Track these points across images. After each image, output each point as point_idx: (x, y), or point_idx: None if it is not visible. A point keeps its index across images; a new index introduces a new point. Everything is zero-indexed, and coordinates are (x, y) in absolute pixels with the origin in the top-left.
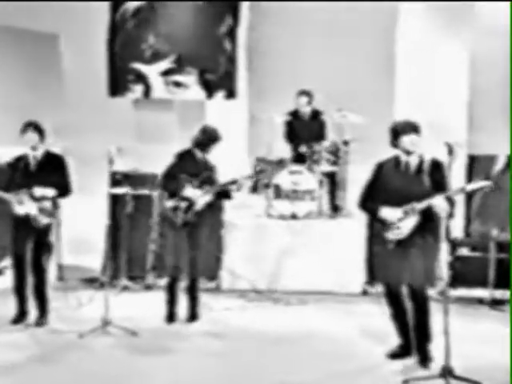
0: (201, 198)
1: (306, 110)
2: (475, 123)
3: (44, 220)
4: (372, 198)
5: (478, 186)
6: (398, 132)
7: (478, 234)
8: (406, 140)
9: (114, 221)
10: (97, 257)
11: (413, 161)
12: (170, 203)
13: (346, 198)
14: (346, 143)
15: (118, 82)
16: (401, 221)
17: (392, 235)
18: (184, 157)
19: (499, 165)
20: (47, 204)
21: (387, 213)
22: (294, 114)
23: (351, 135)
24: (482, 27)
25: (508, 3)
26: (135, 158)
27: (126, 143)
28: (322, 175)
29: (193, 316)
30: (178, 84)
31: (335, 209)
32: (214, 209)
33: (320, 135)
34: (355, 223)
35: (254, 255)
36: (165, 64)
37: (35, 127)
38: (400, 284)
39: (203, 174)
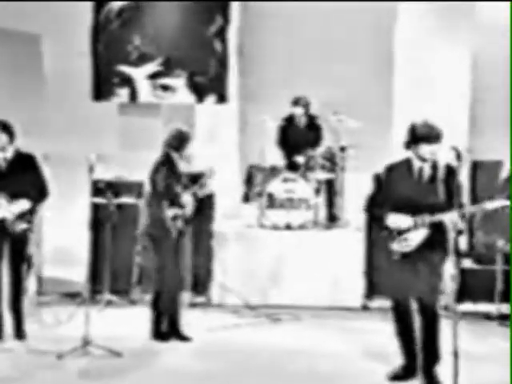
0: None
1: (301, 116)
2: (477, 127)
3: (21, 225)
4: (380, 204)
5: (499, 206)
6: (418, 138)
7: (483, 245)
8: (426, 149)
9: (97, 232)
10: (80, 269)
11: (427, 167)
12: (170, 212)
13: (344, 207)
14: (342, 149)
15: (103, 86)
16: (409, 232)
17: (398, 246)
18: (167, 164)
19: (505, 171)
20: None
21: (396, 220)
22: (289, 120)
23: (348, 141)
24: (483, 27)
25: (508, 3)
26: (120, 165)
27: (110, 149)
28: (317, 183)
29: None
30: (165, 87)
31: (332, 218)
32: (201, 218)
33: (315, 141)
34: (353, 233)
35: (246, 268)
36: (152, 66)
37: (3, 127)
38: (408, 298)
39: (185, 179)
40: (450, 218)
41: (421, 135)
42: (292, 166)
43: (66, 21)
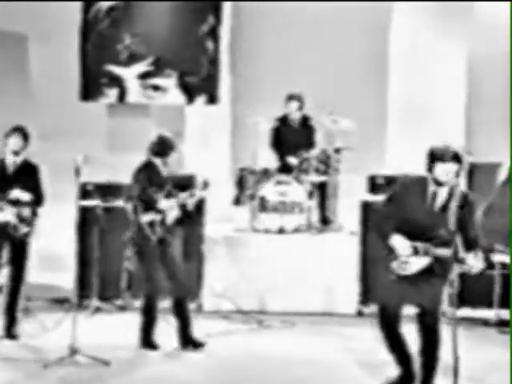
0: (171, 210)
1: (295, 116)
2: (474, 128)
3: (24, 229)
4: (386, 221)
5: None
6: (434, 158)
7: (481, 249)
8: (441, 168)
9: (85, 236)
10: (67, 274)
11: (442, 193)
12: (146, 217)
13: (338, 211)
14: (336, 151)
15: (91, 86)
16: (411, 257)
17: (397, 268)
18: (147, 169)
19: (503, 173)
20: (26, 212)
21: (399, 243)
22: (283, 120)
23: (342, 142)
24: (481, 28)
25: (508, 3)
26: (108, 167)
27: (98, 151)
28: (311, 185)
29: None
30: (155, 88)
31: (326, 222)
32: (191, 222)
33: (309, 143)
34: (348, 237)
35: (238, 273)
36: (142, 66)
37: (22, 132)
38: (400, 306)
39: (169, 186)
40: (471, 264)
41: (436, 154)
42: (285, 169)
43: (54, 20)
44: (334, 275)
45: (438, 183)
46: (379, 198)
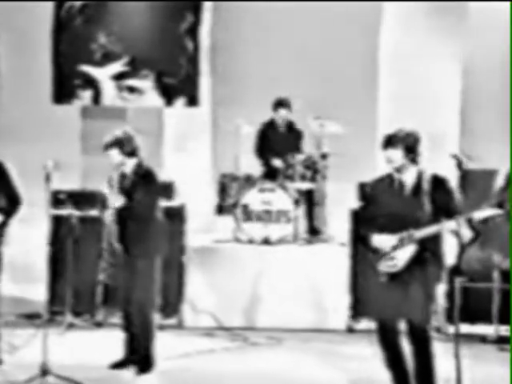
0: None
1: (282, 121)
2: (469, 132)
3: None
4: (365, 223)
5: (488, 215)
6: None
7: (478, 260)
8: (383, 157)
9: (57, 247)
10: (38, 288)
11: (407, 179)
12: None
13: (326, 220)
14: (324, 156)
15: (64, 87)
16: (395, 250)
17: (385, 267)
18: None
19: (501, 179)
20: None
21: (379, 241)
22: (269, 125)
23: (330, 147)
24: (476, 28)
25: (508, 3)
26: (82, 173)
27: (71, 157)
28: (297, 193)
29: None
30: (132, 89)
31: (314, 232)
32: (171, 232)
33: (296, 148)
34: (337, 248)
35: (221, 287)
36: (117, 66)
37: None
38: (397, 320)
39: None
40: (448, 228)
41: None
42: (269, 175)
43: (25, 17)
44: (322, 289)
45: (397, 170)
46: None
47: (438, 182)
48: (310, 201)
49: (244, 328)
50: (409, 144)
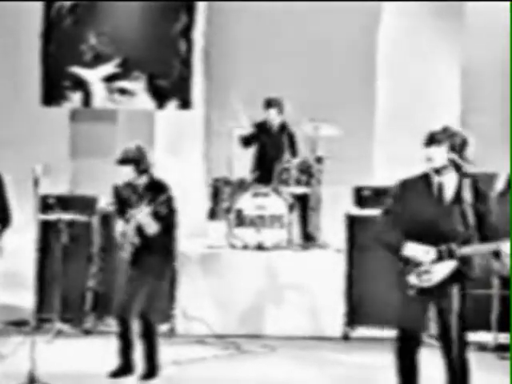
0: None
1: (274, 123)
2: (469, 136)
3: None
4: (392, 229)
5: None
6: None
7: (477, 266)
8: (424, 156)
9: (46, 252)
10: (26, 294)
11: (448, 184)
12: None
13: (321, 225)
14: (318, 160)
15: (53, 89)
16: (433, 264)
17: (417, 280)
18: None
19: (501, 183)
20: None
21: (416, 250)
22: (261, 126)
23: (325, 151)
24: (475, 29)
25: (507, 3)
26: (71, 177)
27: (60, 160)
28: (291, 197)
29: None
30: (123, 91)
31: (308, 238)
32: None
33: (290, 151)
34: (332, 255)
35: (213, 293)
36: (108, 68)
37: None
38: (422, 329)
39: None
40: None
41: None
42: (263, 179)
43: (13, 17)
44: (317, 296)
45: (436, 172)
46: (366, 211)
47: (479, 193)
48: (304, 205)
49: (237, 335)
50: (454, 144)
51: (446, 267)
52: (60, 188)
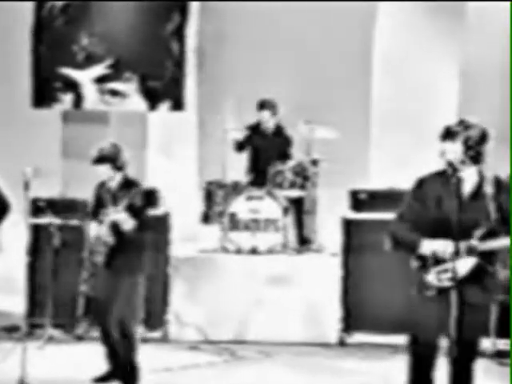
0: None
1: (268, 125)
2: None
3: None
4: (408, 227)
5: None
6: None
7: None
8: (440, 151)
9: (37, 257)
10: (17, 300)
11: (467, 179)
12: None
13: (317, 229)
14: (314, 162)
15: (44, 90)
16: (452, 261)
17: (435, 279)
18: (102, 186)
19: None
20: None
21: (432, 248)
22: (255, 129)
23: (321, 153)
24: (474, 28)
25: (507, 3)
26: (63, 180)
27: (51, 163)
28: (286, 201)
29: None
30: (114, 93)
31: (304, 242)
32: (155, 241)
33: (284, 154)
34: (328, 259)
35: (207, 298)
36: (99, 69)
37: None
38: (439, 336)
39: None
40: None
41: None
42: (257, 182)
43: (4, 17)
44: (313, 301)
45: (451, 166)
46: (363, 215)
47: (502, 186)
48: (299, 209)
49: (231, 341)
50: (470, 138)
51: (466, 265)
52: (51, 191)
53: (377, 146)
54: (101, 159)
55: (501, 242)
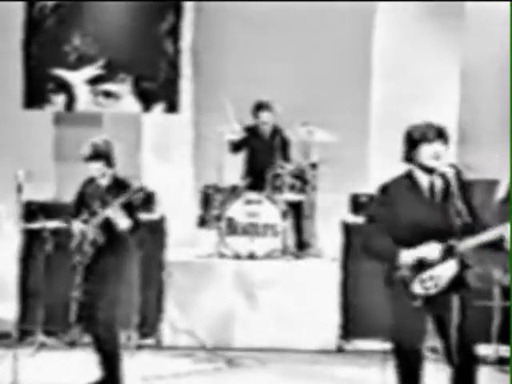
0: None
1: (266, 127)
2: (468, 140)
3: None
4: (382, 237)
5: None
6: (416, 140)
7: (476, 276)
8: (429, 151)
9: (29, 262)
10: (8, 306)
11: (438, 181)
12: (73, 243)
13: (316, 233)
14: (313, 166)
15: (36, 92)
16: (433, 267)
17: (421, 288)
18: (87, 185)
19: (502, 190)
20: None
21: (420, 252)
22: (252, 131)
23: (320, 156)
24: (474, 29)
25: (507, 3)
26: (56, 183)
27: (44, 165)
28: (285, 205)
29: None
30: (108, 94)
31: (302, 246)
32: (150, 245)
33: (282, 157)
34: (327, 264)
35: (203, 304)
36: (92, 70)
37: None
38: (422, 341)
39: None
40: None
41: (419, 135)
42: (255, 186)
43: None
44: (311, 307)
45: (429, 170)
46: (363, 219)
47: (463, 182)
48: (298, 213)
49: (227, 348)
50: (448, 144)
51: (449, 268)
52: (44, 195)
53: (377, 149)
54: (95, 156)
55: (479, 239)
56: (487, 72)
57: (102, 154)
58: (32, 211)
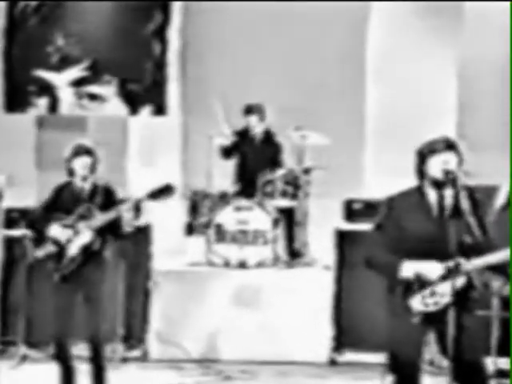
0: (75, 238)
1: (257, 131)
2: (466, 144)
3: None
4: (384, 251)
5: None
6: (424, 154)
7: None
8: (437, 161)
9: (10, 271)
10: None
11: (447, 196)
12: (39, 251)
13: (308, 241)
14: (306, 171)
15: (17, 94)
16: (436, 283)
17: (421, 305)
18: (63, 190)
19: (502, 197)
20: None
21: (421, 268)
22: (242, 135)
23: (313, 161)
24: (472, 30)
25: (507, 3)
26: (38, 189)
27: (25, 171)
28: (276, 211)
29: None
30: (92, 97)
31: (294, 255)
32: (136, 254)
33: (274, 162)
34: (320, 273)
35: (191, 315)
36: (76, 71)
37: None
38: (420, 355)
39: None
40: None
41: (425, 149)
42: (245, 192)
43: None
44: (303, 317)
45: (439, 184)
46: (357, 226)
47: (477, 199)
48: (290, 220)
49: (216, 360)
50: (461, 155)
51: (455, 286)
52: (25, 201)
53: (372, 153)
54: (84, 151)
55: (487, 259)
56: (486, 74)
57: (90, 151)
58: (12, 218)
